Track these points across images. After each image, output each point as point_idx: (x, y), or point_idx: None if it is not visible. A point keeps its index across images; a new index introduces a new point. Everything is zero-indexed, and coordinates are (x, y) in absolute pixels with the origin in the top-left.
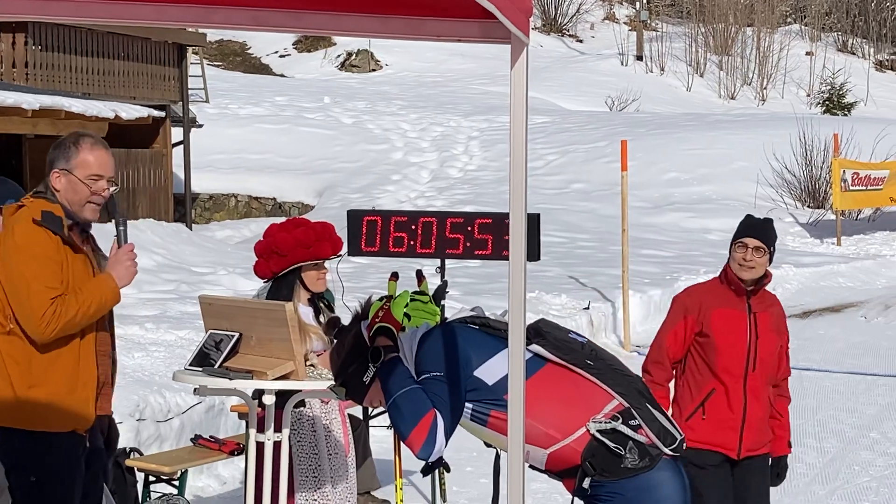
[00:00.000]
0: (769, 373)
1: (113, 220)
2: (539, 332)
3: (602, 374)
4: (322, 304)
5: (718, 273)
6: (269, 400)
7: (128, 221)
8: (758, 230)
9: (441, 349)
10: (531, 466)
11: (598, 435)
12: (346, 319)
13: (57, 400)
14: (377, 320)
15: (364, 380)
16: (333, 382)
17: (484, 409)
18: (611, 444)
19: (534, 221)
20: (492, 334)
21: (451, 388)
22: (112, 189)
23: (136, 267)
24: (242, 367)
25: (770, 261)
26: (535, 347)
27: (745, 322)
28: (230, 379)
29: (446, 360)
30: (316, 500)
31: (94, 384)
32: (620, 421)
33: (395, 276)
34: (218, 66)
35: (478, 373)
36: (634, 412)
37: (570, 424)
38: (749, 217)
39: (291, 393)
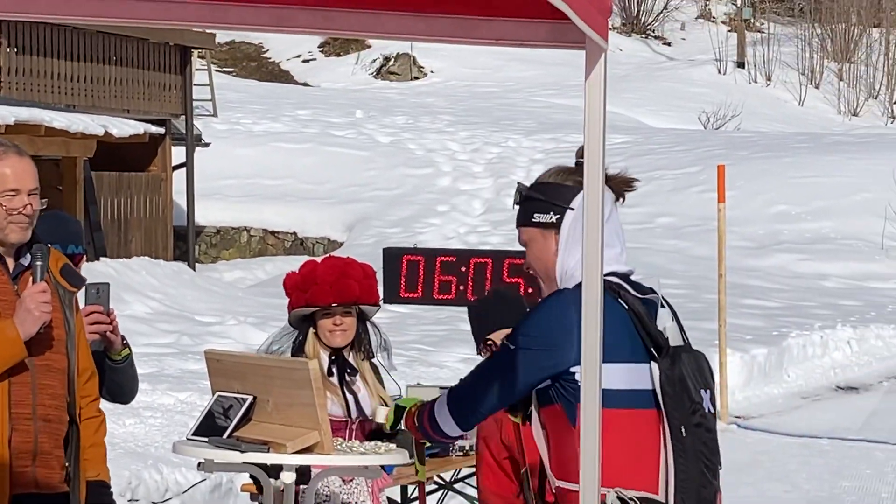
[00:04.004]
0: None
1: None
2: (676, 356)
3: (680, 456)
4: (363, 363)
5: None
6: (288, 478)
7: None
8: None
9: (550, 324)
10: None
11: None
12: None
13: None
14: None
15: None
16: (366, 455)
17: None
18: None
19: None
20: (635, 331)
21: (521, 367)
22: (39, 203)
23: (42, 311)
24: (257, 437)
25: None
26: (655, 369)
27: None
28: (242, 451)
29: (548, 336)
30: None
31: (4, 455)
32: None
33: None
34: (229, 72)
35: (578, 369)
36: None
37: (605, 477)
38: None
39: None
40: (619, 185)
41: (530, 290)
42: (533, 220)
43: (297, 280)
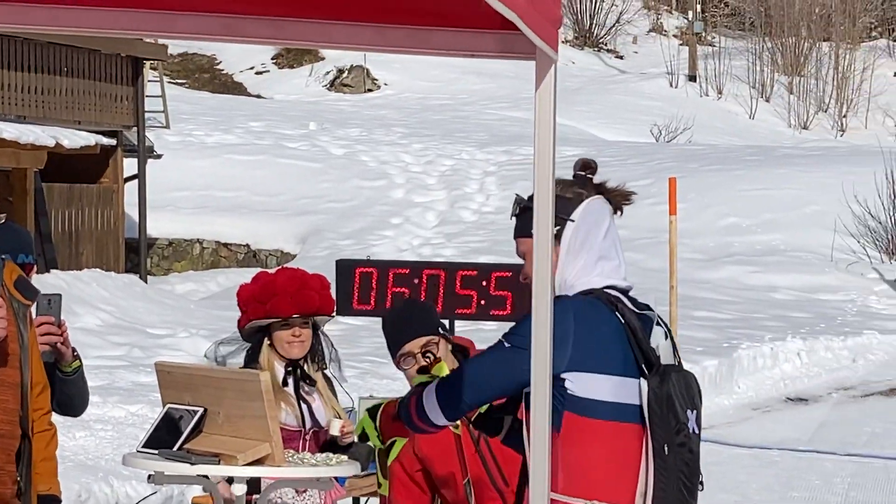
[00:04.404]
0: None
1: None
2: (666, 375)
3: (661, 474)
4: (318, 374)
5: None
6: (239, 489)
7: (55, 270)
8: None
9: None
10: None
11: None
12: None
13: None
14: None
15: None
16: (317, 467)
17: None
18: None
19: None
20: (628, 345)
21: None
22: None
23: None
24: (207, 449)
25: None
26: (644, 385)
27: None
28: (192, 464)
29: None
30: None
31: None
32: None
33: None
34: (181, 84)
35: (568, 376)
36: None
37: (584, 488)
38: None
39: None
40: (618, 199)
41: (483, 302)
42: (533, 231)
43: (254, 291)
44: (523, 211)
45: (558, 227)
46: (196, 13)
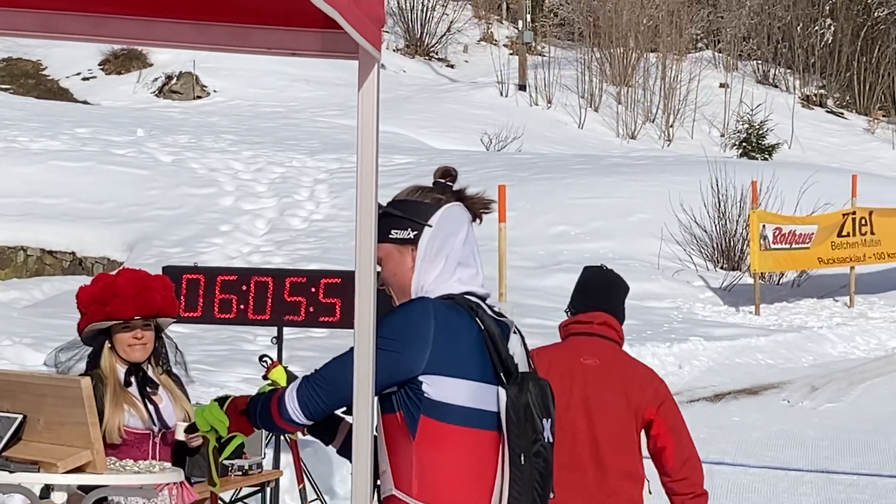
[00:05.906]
0: None
1: None
2: (524, 383)
3: (516, 483)
4: (162, 376)
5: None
6: (59, 498)
7: None
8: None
9: (407, 329)
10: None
11: None
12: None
13: None
14: None
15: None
16: (140, 475)
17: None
18: None
19: None
20: (486, 351)
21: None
22: None
23: None
24: (26, 457)
25: None
26: (502, 394)
27: None
28: (11, 472)
29: (403, 341)
30: None
31: None
32: None
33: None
34: (6, 89)
35: (426, 379)
36: None
37: (439, 495)
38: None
39: (90, 489)
40: (477, 206)
41: (311, 309)
42: (390, 236)
43: (95, 293)
44: (382, 216)
45: (415, 233)
46: (11, 9)
